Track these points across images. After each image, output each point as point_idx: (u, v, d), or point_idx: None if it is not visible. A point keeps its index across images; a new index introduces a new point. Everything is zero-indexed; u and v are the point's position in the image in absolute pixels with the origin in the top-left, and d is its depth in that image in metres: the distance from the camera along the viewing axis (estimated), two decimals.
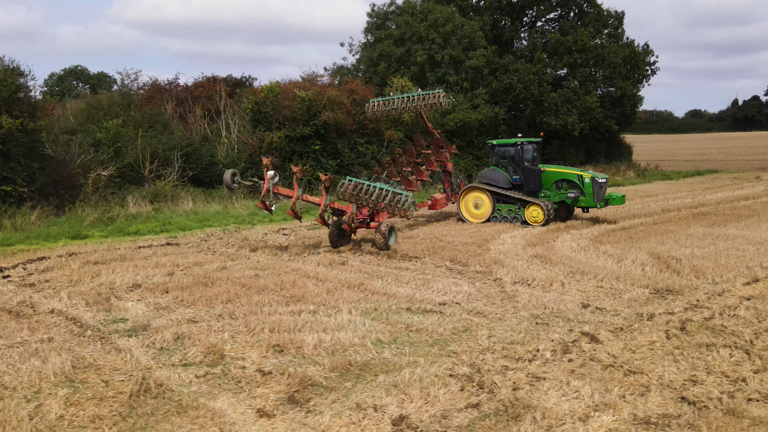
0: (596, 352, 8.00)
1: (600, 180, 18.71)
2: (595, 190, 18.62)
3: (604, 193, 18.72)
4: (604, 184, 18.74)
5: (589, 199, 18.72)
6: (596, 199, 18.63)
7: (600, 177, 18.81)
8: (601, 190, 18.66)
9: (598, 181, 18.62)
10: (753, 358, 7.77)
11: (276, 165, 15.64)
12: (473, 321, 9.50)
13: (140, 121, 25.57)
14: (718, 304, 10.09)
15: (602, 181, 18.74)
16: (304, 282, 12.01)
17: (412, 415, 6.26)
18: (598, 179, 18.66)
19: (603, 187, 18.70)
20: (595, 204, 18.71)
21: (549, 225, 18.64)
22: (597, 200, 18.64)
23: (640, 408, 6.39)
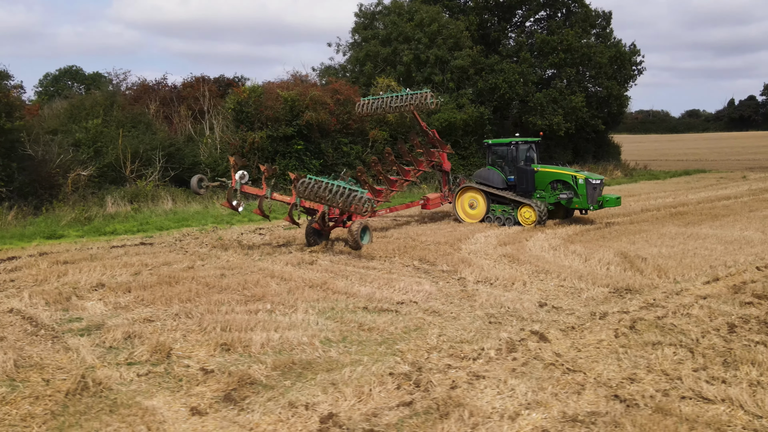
0: (541, 351, 8.02)
1: (594, 181, 18.22)
2: (589, 191, 18.16)
3: (599, 194, 18.27)
4: (598, 186, 18.28)
5: (583, 200, 18.25)
6: (590, 200, 18.16)
7: (594, 178, 18.33)
8: (595, 192, 18.22)
9: (591, 182, 18.14)
10: (696, 356, 7.80)
11: (244, 165, 15.66)
12: (427, 320, 9.53)
13: (123, 121, 25.55)
14: (673, 303, 10.13)
15: (596, 182, 18.24)
16: (268, 281, 12.04)
17: (342, 413, 6.28)
18: (592, 180, 18.18)
19: (597, 189, 18.25)
20: (588, 206, 18.24)
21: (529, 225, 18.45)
22: (591, 202, 18.16)
23: (571, 406, 6.42)
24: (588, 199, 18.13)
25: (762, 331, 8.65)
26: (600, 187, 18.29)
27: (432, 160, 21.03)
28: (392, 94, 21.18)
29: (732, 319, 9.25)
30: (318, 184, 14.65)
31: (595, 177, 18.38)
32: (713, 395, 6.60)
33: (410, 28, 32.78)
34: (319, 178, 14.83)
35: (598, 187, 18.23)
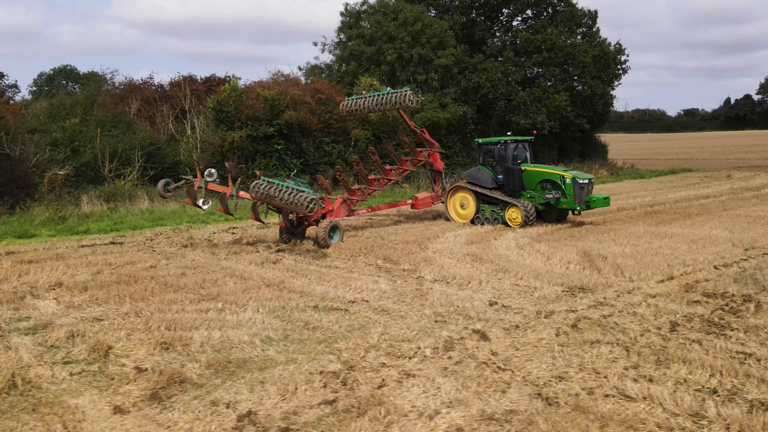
0: (478, 350, 8.05)
1: (581, 181, 17.61)
2: (576, 191, 17.53)
3: (586, 194, 17.63)
4: (586, 186, 17.68)
5: (570, 200, 17.66)
6: (577, 201, 17.56)
7: (582, 177, 17.75)
8: (582, 192, 17.58)
9: (579, 181, 17.53)
10: (631, 355, 7.83)
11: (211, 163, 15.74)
12: (373, 319, 9.56)
13: (103, 121, 25.57)
14: (622, 302, 10.16)
15: (583, 182, 17.65)
16: (226, 281, 12.07)
17: (262, 412, 6.31)
18: (579, 180, 17.56)
19: (585, 189, 17.63)
20: (575, 206, 17.68)
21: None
22: (578, 202, 17.56)
23: (492, 404, 6.45)
24: (575, 199, 17.57)
25: (702, 330, 8.68)
26: (588, 187, 17.78)
27: (418, 160, 20.83)
28: (374, 93, 20.96)
29: (676, 317, 9.28)
30: (269, 185, 14.70)
31: (584, 176, 17.86)
32: (635, 393, 6.63)
33: (394, 28, 32.81)
34: (272, 180, 14.85)
35: (586, 186, 17.69)
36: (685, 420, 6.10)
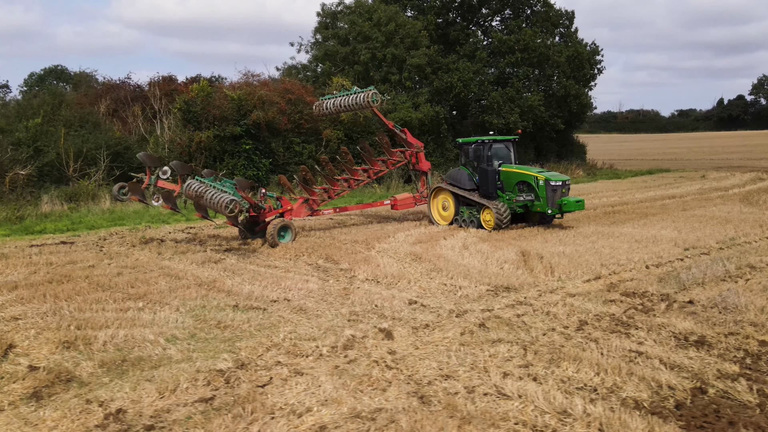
0: (376, 349, 8.09)
1: (554, 182, 16.82)
2: (548, 193, 16.82)
3: (559, 197, 16.86)
4: (559, 188, 16.88)
5: (543, 203, 16.96)
6: (549, 203, 16.83)
7: (555, 179, 16.92)
8: (554, 194, 16.84)
9: (551, 183, 16.78)
10: (528, 354, 7.86)
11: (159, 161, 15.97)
12: (287, 318, 9.59)
13: (71, 120, 25.57)
14: (541, 301, 10.20)
15: (556, 183, 16.84)
16: (158, 280, 12.10)
17: (133, 410, 6.34)
18: (551, 182, 16.80)
19: (558, 191, 16.87)
20: (547, 209, 16.97)
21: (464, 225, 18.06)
22: (550, 205, 16.84)
23: (365, 403, 6.48)
24: (548, 202, 16.85)
25: (608, 329, 8.72)
26: (561, 189, 16.96)
27: (397, 160, 20.44)
28: (344, 93, 20.78)
29: (588, 316, 9.32)
30: (200, 185, 14.77)
31: (557, 178, 17.03)
32: (512, 392, 6.66)
33: (368, 28, 32.84)
34: (205, 180, 14.90)
35: (559, 189, 16.89)
36: (551, 418, 6.13)
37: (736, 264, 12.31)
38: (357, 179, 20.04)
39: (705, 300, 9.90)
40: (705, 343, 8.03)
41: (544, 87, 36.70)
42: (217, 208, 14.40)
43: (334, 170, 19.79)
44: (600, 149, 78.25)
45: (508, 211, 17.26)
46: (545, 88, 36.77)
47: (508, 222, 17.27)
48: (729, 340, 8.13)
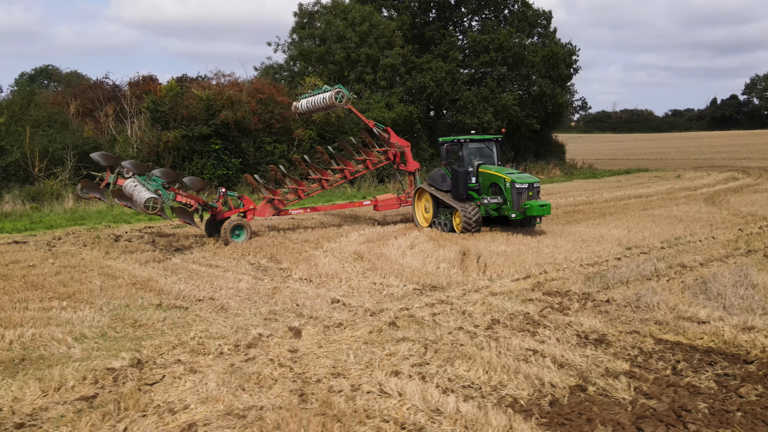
0: (278, 347, 8.14)
1: (519, 185, 15.86)
2: (513, 196, 15.94)
3: (524, 200, 15.94)
4: (524, 190, 15.90)
5: (510, 206, 16.11)
6: (515, 207, 15.97)
7: (521, 181, 15.95)
8: (519, 197, 15.91)
9: (516, 186, 15.87)
10: (428, 352, 7.90)
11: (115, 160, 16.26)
12: (204, 317, 9.65)
13: (39, 120, 25.59)
14: (462, 300, 10.25)
15: (521, 186, 15.87)
16: (92, 279, 12.15)
17: (8, 407, 6.38)
18: (516, 184, 15.88)
19: (523, 194, 15.91)
20: (511, 212, 16.10)
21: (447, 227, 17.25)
22: (515, 208, 15.97)
23: (244, 400, 6.53)
24: (513, 205, 15.99)
25: (516, 328, 8.77)
26: (528, 192, 15.99)
27: (374, 160, 19.86)
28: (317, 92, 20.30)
29: (502, 315, 9.37)
30: (133, 184, 14.84)
31: (524, 180, 16.04)
32: (392, 390, 6.70)
33: (343, 27, 32.90)
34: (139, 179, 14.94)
35: (524, 192, 15.92)
36: (423, 416, 6.17)
37: (669, 263, 12.39)
38: (328, 179, 19.55)
39: (621, 299, 9.97)
40: (604, 342, 8.09)
41: (519, 87, 36.79)
42: (138, 206, 14.47)
43: (308, 170, 19.63)
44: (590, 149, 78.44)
45: (477, 214, 16.49)
46: (520, 87, 36.86)
47: (476, 225, 16.49)
48: (627, 338, 8.19)
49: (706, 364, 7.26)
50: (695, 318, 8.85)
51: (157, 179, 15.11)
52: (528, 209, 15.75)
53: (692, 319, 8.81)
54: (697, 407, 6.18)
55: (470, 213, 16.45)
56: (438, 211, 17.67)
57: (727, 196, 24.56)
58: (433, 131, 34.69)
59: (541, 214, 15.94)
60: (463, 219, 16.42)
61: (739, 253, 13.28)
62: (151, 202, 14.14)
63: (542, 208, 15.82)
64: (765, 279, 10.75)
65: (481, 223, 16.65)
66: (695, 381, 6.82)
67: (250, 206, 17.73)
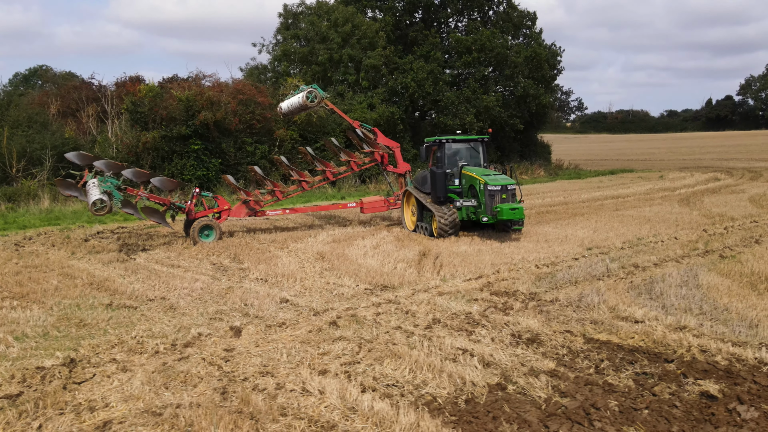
0: (215, 346, 8.23)
1: (492, 187, 15.19)
2: (486, 199, 15.28)
3: (497, 203, 15.21)
4: (497, 193, 15.21)
5: (484, 209, 15.48)
6: (487, 210, 15.33)
7: (494, 183, 15.25)
8: (492, 200, 15.21)
9: (488, 188, 15.22)
10: (361, 351, 7.99)
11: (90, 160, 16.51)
12: (150, 316, 9.73)
13: (19, 121, 25.66)
14: (409, 300, 10.33)
15: (494, 188, 15.18)
16: (50, 279, 12.23)
17: None
18: (489, 186, 15.21)
19: (496, 196, 15.21)
20: (483, 216, 15.48)
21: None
22: (487, 212, 15.33)
23: (165, 399, 6.61)
24: (486, 208, 15.36)
25: (454, 327, 8.85)
26: (501, 195, 15.29)
27: (360, 161, 19.37)
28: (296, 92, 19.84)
29: (444, 315, 9.46)
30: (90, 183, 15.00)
31: (496, 182, 15.33)
32: (314, 388, 6.79)
33: (326, 28, 33.00)
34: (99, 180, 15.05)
35: (497, 194, 15.23)
36: (339, 414, 6.25)
37: (623, 263, 12.48)
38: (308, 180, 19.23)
39: (565, 299, 10.06)
40: (536, 341, 8.19)
41: (503, 87, 36.90)
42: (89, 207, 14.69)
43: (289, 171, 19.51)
44: (582, 149, 78.64)
45: (453, 218, 15.82)
46: (505, 88, 36.98)
47: (452, 229, 15.86)
48: (559, 337, 8.29)
49: (627, 363, 7.35)
50: (631, 318, 8.94)
51: (111, 180, 15.21)
52: (499, 212, 14.99)
53: (628, 319, 8.90)
54: (608, 405, 6.27)
55: (446, 218, 15.81)
56: (422, 214, 16.98)
57: (703, 197, 24.67)
58: (417, 132, 34.79)
59: (512, 217, 15.05)
60: (439, 223, 15.87)
61: (695, 254, 13.37)
62: (99, 203, 14.26)
63: (513, 212, 14.93)
64: (711, 279, 10.85)
65: (458, 227, 16.03)
66: (613, 380, 6.91)
67: (225, 207, 17.79)
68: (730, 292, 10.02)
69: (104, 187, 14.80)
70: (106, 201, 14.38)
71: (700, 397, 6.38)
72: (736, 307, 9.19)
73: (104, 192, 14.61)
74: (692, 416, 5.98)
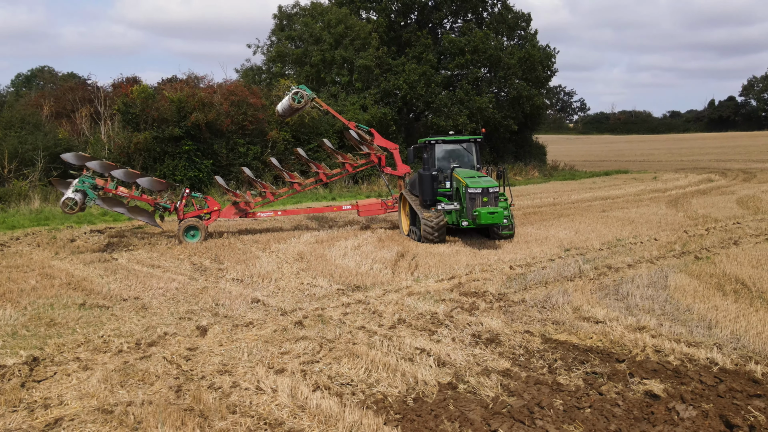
0: (178, 345, 8.34)
1: (472, 190, 14.55)
2: (467, 202, 14.64)
3: (477, 206, 14.59)
4: (478, 196, 14.53)
5: (465, 213, 14.86)
6: (468, 213, 14.71)
7: (475, 185, 14.61)
8: (473, 204, 14.56)
9: (469, 190, 14.59)
10: (322, 350, 8.09)
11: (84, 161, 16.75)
12: (120, 315, 9.84)
13: (12, 122, 25.84)
14: (378, 300, 10.42)
15: (475, 191, 14.53)
16: (29, 279, 12.36)
17: None
18: (469, 188, 14.60)
19: (476, 200, 14.54)
20: (463, 220, 14.83)
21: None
22: (467, 215, 14.72)
23: (119, 397, 6.72)
24: (467, 211, 14.72)
25: (418, 327, 8.94)
26: (481, 198, 14.59)
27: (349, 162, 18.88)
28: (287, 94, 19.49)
29: (410, 315, 9.55)
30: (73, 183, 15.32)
31: (478, 184, 14.68)
32: (267, 386, 6.90)
33: (319, 29, 33.14)
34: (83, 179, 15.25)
35: (478, 197, 14.56)
36: (287, 411, 6.36)
37: (596, 264, 12.55)
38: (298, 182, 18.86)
39: (532, 300, 10.15)
40: (495, 341, 8.28)
41: (496, 89, 36.99)
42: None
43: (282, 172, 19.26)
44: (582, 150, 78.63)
45: (437, 222, 15.15)
46: (500, 89, 37.07)
47: (436, 234, 15.21)
48: (518, 337, 8.38)
49: (579, 362, 7.44)
50: (593, 318, 9.03)
51: (87, 179, 15.43)
52: (477, 216, 14.23)
53: (590, 320, 8.99)
54: (552, 404, 6.36)
55: (431, 222, 15.20)
56: (415, 218, 16.34)
57: (693, 199, 24.70)
58: (411, 133, 34.90)
59: (490, 222, 14.24)
60: (423, 227, 15.25)
61: (671, 255, 13.44)
62: (69, 201, 14.51)
63: (492, 216, 14.16)
64: (680, 280, 10.93)
65: (443, 232, 15.33)
66: (564, 379, 7.00)
67: (215, 207, 17.89)
68: (695, 293, 10.09)
69: (78, 186, 15.01)
70: (77, 200, 14.59)
71: (644, 396, 6.47)
72: (698, 308, 9.27)
73: (77, 191, 14.82)
74: (632, 415, 6.07)
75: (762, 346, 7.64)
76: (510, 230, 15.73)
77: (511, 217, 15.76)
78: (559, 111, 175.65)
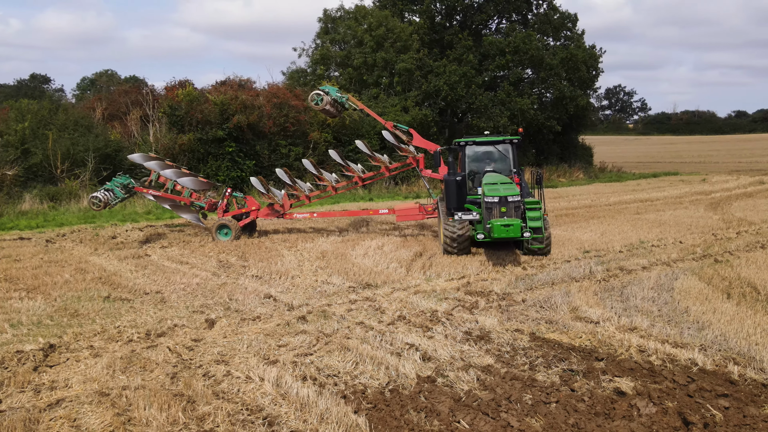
0: (184, 336, 8.84)
1: (488, 198, 13.14)
2: (484, 212, 13.33)
3: (493, 217, 13.08)
4: (495, 205, 13.05)
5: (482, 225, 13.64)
6: (483, 225, 13.43)
7: (492, 194, 13.15)
8: (489, 214, 13.13)
9: (486, 199, 13.22)
10: (318, 344, 8.46)
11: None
12: (139, 308, 10.44)
13: (66, 124, 27.17)
14: (385, 298, 10.74)
15: (491, 200, 13.09)
16: (64, 273, 13.13)
17: None
18: (486, 197, 13.23)
19: (493, 210, 13.08)
20: (478, 233, 13.50)
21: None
22: (484, 227, 13.38)
23: (119, 381, 7.22)
24: (483, 223, 13.41)
25: (414, 324, 9.22)
26: (498, 207, 13.06)
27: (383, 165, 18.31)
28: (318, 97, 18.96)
29: (410, 313, 9.83)
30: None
31: (497, 193, 13.17)
32: (256, 376, 7.30)
33: (360, 32, 33.65)
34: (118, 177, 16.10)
35: (495, 207, 13.07)
36: (270, 399, 6.73)
37: (609, 266, 12.57)
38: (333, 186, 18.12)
39: (533, 299, 10.30)
40: (485, 338, 8.50)
41: (538, 89, 36.80)
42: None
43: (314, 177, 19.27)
44: (638, 151, 76.99)
45: (458, 233, 13.88)
46: (545, 90, 36.87)
47: (455, 246, 14.00)
48: (508, 335, 8.58)
49: (559, 360, 7.61)
50: (588, 318, 9.15)
51: (121, 179, 16.28)
52: (491, 229, 12.64)
53: (584, 320, 9.11)
54: (521, 399, 6.58)
55: (452, 231, 13.96)
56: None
57: (735, 201, 24.15)
58: (453, 134, 35.05)
59: (504, 235, 12.46)
60: (443, 237, 14.10)
61: (690, 258, 13.33)
62: (93, 199, 15.38)
63: (506, 229, 12.40)
64: (688, 283, 10.89)
65: (466, 244, 14.05)
66: (542, 376, 7.19)
67: (254, 207, 18.44)
68: (699, 296, 10.07)
69: (109, 185, 15.82)
70: (101, 198, 15.48)
71: (612, 393, 6.62)
72: (696, 310, 9.28)
73: (106, 190, 15.65)
74: (594, 410, 6.23)
75: (747, 348, 7.66)
76: (541, 243, 13.64)
77: (544, 229, 13.70)
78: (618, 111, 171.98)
